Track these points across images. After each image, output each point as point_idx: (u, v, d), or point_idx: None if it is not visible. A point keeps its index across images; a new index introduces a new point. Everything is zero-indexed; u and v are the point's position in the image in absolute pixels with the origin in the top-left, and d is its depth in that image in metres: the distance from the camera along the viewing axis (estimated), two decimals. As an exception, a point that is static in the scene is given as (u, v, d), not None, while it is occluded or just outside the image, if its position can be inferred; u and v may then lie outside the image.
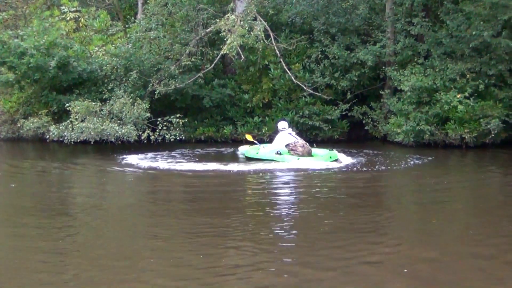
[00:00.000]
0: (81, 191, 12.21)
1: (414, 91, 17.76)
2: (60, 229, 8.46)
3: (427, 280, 6.28)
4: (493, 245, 7.52)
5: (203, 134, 19.84)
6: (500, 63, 17.17)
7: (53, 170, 14.65)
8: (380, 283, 6.25)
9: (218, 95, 19.87)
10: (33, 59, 17.98)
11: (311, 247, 7.44)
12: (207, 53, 19.73)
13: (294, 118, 19.14)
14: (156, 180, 13.05)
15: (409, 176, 13.63)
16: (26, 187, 12.55)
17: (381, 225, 8.79)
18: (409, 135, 17.67)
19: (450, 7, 17.99)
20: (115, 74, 19.14)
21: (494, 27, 16.87)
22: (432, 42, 18.24)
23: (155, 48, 19.86)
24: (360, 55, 18.99)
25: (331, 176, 13.24)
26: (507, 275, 6.45)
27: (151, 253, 7.29)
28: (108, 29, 23.05)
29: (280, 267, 6.71)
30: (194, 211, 9.74)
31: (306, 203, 10.39)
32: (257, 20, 18.40)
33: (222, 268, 6.73)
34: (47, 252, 7.35)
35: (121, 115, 17.70)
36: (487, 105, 16.89)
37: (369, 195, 11.30)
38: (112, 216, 9.64)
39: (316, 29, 20.14)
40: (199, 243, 7.68)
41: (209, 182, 12.54)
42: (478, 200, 11.01)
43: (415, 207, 10.38)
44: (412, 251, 7.29)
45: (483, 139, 17.23)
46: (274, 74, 19.65)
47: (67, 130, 17.47)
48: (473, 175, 13.99)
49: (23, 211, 9.78)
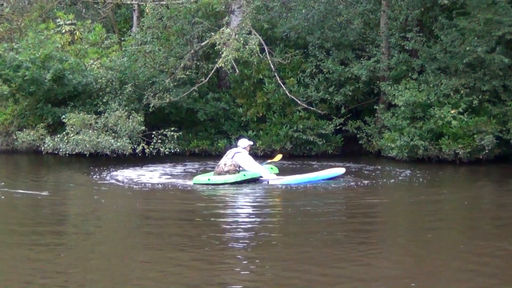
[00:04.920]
0: (74, 204, 12.19)
1: (408, 106, 17.82)
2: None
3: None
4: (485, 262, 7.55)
5: (197, 147, 19.84)
6: (494, 79, 17.24)
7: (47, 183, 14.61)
8: None
9: (213, 108, 19.89)
10: (28, 71, 18.02)
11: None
12: (202, 67, 19.75)
13: (288, 133, 19.17)
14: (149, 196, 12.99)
15: (400, 191, 13.65)
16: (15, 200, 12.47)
17: (371, 237, 8.80)
18: (403, 150, 17.70)
19: (444, 22, 18.08)
20: (110, 87, 19.13)
21: (488, 43, 16.94)
22: (426, 57, 18.32)
23: (150, 62, 19.88)
24: (355, 70, 19.04)
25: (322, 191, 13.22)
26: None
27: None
28: (103, 41, 23.09)
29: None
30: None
31: (302, 217, 10.38)
32: (252, 34, 18.46)
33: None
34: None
35: (116, 128, 17.71)
36: (481, 121, 16.95)
37: (360, 211, 11.30)
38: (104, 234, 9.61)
39: (311, 44, 20.18)
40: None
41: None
42: (471, 215, 11.03)
43: (406, 224, 10.39)
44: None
45: (476, 154, 17.26)
46: (269, 88, 19.68)
47: (62, 142, 17.46)
48: (466, 190, 14.02)
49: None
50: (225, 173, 13.66)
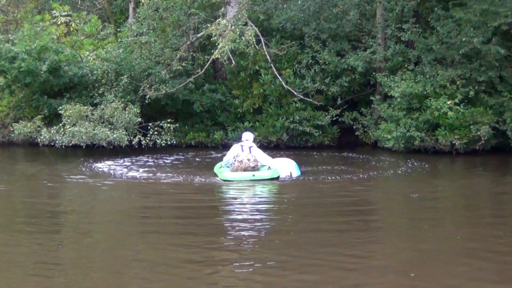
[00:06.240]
0: (71, 197, 12.19)
1: (404, 97, 17.84)
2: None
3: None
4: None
5: (193, 139, 19.83)
6: (490, 70, 17.25)
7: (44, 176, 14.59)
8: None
9: (209, 100, 19.88)
10: (24, 63, 17.97)
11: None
12: (198, 58, 19.74)
13: (284, 124, 19.19)
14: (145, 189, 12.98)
15: (397, 182, 13.67)
16: (14, 192, 12.48)
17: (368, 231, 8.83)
18: (399, 141, 17.72)
19: (441, 13, 18.06)
20: (105, 78, 19.11)
21: (484, 34, 16.94)
22: (423, 48, 18.30)
23: (146, 53, 19.85)
24: (351, 61, 19.03)
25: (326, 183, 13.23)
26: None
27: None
28: (99, 33, 23.06)
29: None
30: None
31: (296, 211, 10.40)
32: (248, 25, 18.41)
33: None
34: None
35: (112, 120, 17.68)
36: (477, 112, 16.97)
37: (356, 201, 11.32)
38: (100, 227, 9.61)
39: (307, 35, 20.16)
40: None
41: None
42: (467, 205, 11.06)
43: (404, 215, 10.41)
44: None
45: (473, 145, 17.30)
46: (265, 80, 19.67)
47: (59, 134, 17.43)
48: (462, 181, 14.06)
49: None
50: (252, 169, 13.38)
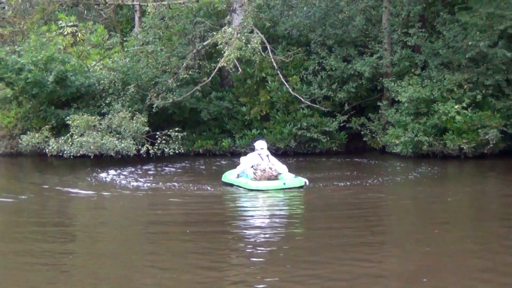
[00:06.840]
0: (79, 206, 12.21)
1: (411, 102, 17.81)
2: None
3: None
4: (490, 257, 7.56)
5: (201, 147, 19.80)
6: (497, 73, 17.23)
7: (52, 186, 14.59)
8: None
9: (216, 108, 19.88)
10: (31, 74, 18.00)
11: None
12: (205, 66, 19.73)
13: (292, 130, 19.17)
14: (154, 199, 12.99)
15: (406, 187, 13.65)
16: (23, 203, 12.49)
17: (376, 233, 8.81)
18: (408, 146, 17.69)
19: (447, 17, 18.07)
20: (112, 88, 19.12)
21: (491, 37, 16.95)
22: (429, 53, 18.28)
23: (152, 62, 19.85)
24: (357, 67, 19.02)
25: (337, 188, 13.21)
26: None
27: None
28: (105, 42, 23.10)
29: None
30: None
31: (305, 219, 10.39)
32: (254, 32, 18.42)
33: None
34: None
35: (119, 129, 17.69)
36: (485, 116, 16.95)
37: (367, 207, 11.31)
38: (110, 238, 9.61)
39: (313, 41, 20.16)
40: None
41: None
42: (478, 210, 11.03)
43: (412, 219, 10.39)
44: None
45: (481, 149, 17.26)
46: (272, 87, 19.67)
47: (67, 144, 17.43)
48: (472, 185, 14.04)
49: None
50: (274, 177, 13.24)
